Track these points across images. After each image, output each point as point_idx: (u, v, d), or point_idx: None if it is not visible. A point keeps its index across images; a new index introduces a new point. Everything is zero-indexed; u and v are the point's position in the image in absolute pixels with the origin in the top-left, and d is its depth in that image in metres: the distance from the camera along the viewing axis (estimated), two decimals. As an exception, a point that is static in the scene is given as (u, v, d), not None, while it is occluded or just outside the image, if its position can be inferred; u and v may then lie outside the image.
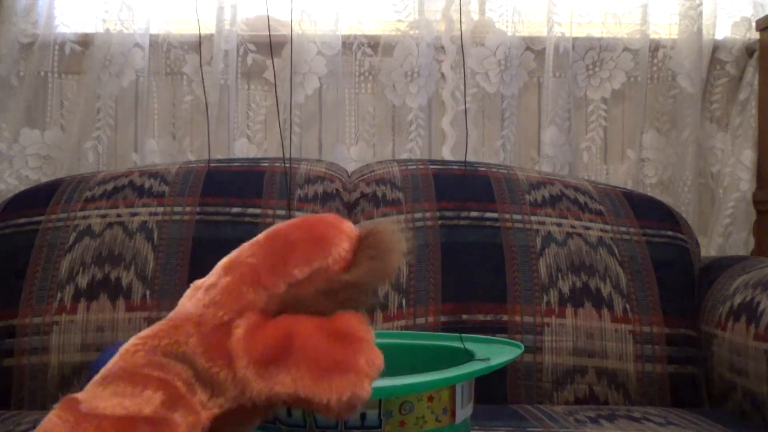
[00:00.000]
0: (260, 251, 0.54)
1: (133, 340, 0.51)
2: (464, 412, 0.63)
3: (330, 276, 0.52)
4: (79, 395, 0.49)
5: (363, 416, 0.58)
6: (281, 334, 0.49)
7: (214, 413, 0.50)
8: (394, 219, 0.54)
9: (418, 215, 1.25)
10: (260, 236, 0.55)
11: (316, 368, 0.48)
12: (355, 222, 1.27)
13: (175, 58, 1.54)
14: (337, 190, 1.30)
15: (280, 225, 0.56)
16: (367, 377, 0.48)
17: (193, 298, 0.53)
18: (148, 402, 0.48)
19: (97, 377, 0.50)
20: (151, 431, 0.47)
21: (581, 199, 1.29)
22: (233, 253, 0.55)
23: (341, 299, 0.51)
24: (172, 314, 0.53)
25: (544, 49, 1.53)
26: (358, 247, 0.54)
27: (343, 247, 0.53)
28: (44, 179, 1.48)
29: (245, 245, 0.55)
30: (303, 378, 0.47)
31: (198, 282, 0.55)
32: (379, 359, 0.50)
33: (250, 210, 1.23)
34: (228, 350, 0.49)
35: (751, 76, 1.53)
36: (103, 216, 1.23)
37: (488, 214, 1.25)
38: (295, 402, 0.48)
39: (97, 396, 0.48)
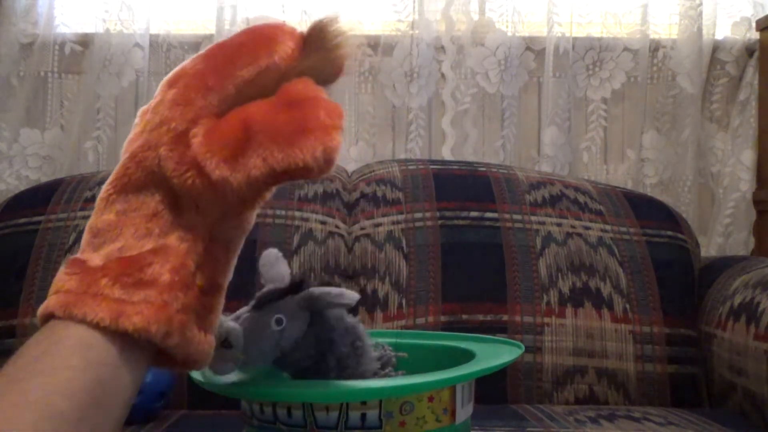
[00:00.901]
0: (203, 61, 0.52)
1: (104, 188, 0.51)
2: (464, 412, 0.63)
3: (278, 73, 0.51)
4: (80, 255, 0.49)
5: (363, 416, 0.58)
6: (237, 125, 0.48)
7: (208, 223, 0.50)
8: (336, 17, 0.53)
9: (418, 215, 1.25)
10: (202, 51, 0.54)
11: (280, 139, 0.47)
12: (355, 222, 1.27)
13: (175, 58, 1.53)
14: (337, 190, 1.30)
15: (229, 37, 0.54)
16: (333, 128, 0.48)
17: (141, 123, 0.52)
18: (144, 238, 0.48)
19: (86, 235, 0.50)
20: (156, 259, 0.47)
21: (581, 199, 1.29)
22: (175, 69, 0.53)
23: (310, 72, 0.50)
24: (126, 146, 0.52)
25: (544, 49, 1.53)
26: (305, 44, 0.52)
27: (288, 45, 0.51)
28: (44, 179, 1.48)
29: (187, 60, 0.53)
30: (272, 153, 0.47)
31: (144, 107, 0.53)
32: (337, 108, 0.49)
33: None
34: (192, 159, 0.48)
35: (751, 76, 1.53)
36: (103, 216, 1.23)
37: (488, 214, 1.25)
38: (276, 178, 0.48)
39: (96, 248, 0.48)
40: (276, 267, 0.66)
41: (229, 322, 0.60)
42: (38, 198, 1.28)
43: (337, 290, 0.62)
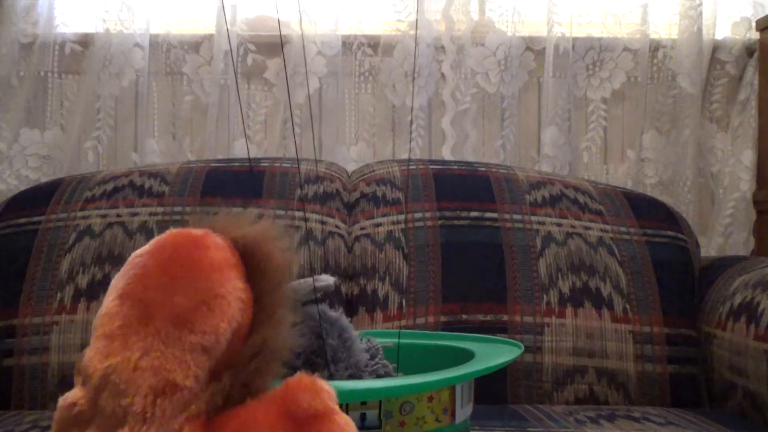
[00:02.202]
0: (158, 348, 0.43)
1: None
2: (464, 412, 0.64)
3: (239, 336, 0.44)
4: None
5: (363, 417, 0.58)
6: None
7: None
8: (265, 222, 0.48)
9: (418, 215, 1.25)
10: (151, 328, 0.44)
11: None
12: (355, 222, 1.27)
13: (175, 58, 1.54)
14: (337, 190, 1.31)
15: (151, 296, 0.44)
16: None
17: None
18: None
19: None
20: None
21: (581, 199, 1.29)
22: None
23: (266, 360, 0.44)
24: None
25: (544, 49, 1.53)
26: (249, 278, 0.46)
27: (236, 292, 0.44)
28: (44, 179, 1.48)
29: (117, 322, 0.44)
30: None
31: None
32: (352, 426, 0.44)
33: (250, 210, 1.23)
34: None
35: (751, 76, 1.53)
36: (103, 216, 1.23)
37: (488, 214, 1.25)
38: None
39: None
40: None
41: None
42: (38, 198, 1.28)
43: (312, 278, 0.62)
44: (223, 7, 1.50)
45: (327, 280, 0.63)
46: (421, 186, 1.29)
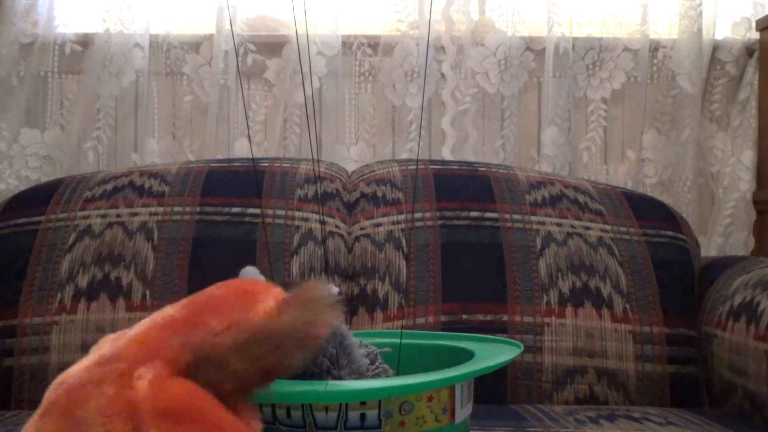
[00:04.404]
0: (181, 306, 0.53)
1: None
2: (464, 411, 0.64)
3: (250, 326, 0.49)
4: None
5: (362, 416, 0.58)
6: (186, 398, 0.46)
7: None
8: (327, 285, 0.53)
9: (418, 215, 1.25)
10: (187, 298, 0.54)
11: None
12: (355, 222, 1.27)
13: (175, 58, 1.54)
14: (337, 190, 1.31)
15: (210, 287, 0.54)
16: None
17: (97, 351, 0.52)
18: None
19: None
20: None
21: (581, 199, 1.29)
22: (158, 311, 0.53)
23: (258, 354, 0.48)
24: (65, 375, 0.51)
25: (544, 49, 1.53)
26: (287, 303, 0.51)
27: (268, 304, 0.51)
28: (44, 179, 1.48)
29: (171, 305, 0.54)
30: None
31: (109, 336, 0.53)
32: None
33: (250, 210, 1.24)
34: (129, 402, 0.47)
35: (751, 76, 1.53)
36: (103, 216, 1.23)
37: (488, 214, 1.25)
38: None
39: None
40: None
41: None
42: (38, 198, 1.28)
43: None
44: (227, 6, 1.50)
45: (332, 289, 0.63)
46: (421, 186, 1.29)
